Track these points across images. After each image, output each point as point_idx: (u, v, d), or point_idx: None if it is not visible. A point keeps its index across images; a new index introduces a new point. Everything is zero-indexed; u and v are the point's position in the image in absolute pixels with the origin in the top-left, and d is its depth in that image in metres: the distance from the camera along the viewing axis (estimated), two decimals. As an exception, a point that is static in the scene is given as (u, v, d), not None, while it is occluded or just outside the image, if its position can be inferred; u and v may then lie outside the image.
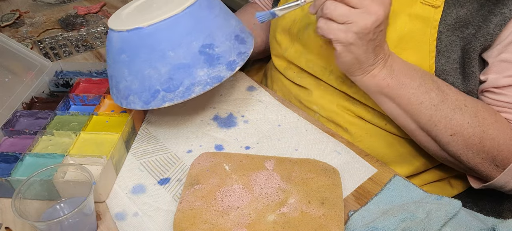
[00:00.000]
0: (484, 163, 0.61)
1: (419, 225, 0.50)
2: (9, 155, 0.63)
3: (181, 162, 0.65)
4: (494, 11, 0.58)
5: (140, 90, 0.61)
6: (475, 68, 0.62)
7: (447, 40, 0.62)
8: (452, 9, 0.61)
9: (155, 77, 0.59)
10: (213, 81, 0.60)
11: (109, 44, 0.64)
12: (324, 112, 0.74)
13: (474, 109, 0.60)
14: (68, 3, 1.22)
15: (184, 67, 0.59)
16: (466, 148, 0.60)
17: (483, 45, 0.60)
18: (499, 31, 0.58)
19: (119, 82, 0.63)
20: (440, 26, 0.61)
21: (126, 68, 0.61)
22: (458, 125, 0.59)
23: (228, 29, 0.63)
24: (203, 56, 0.60)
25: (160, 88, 0.60)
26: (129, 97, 0.62)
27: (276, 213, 0.51)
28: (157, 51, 0.59)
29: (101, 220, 0.57)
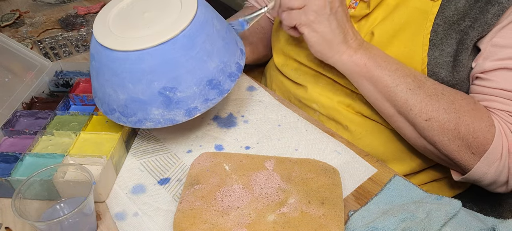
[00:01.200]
0: (460, 150, 0.61)
1: (419, 225, 0.50)
2: (9, 155, 0.63)
3: (181, 162, 0.65)
4: (491, 1, 0.59)
5: (102, 101, 0.63)
6: (465, 57, 0.62)
7: (443, 33, 0.62)
8: (451, 1, 0.61)
9: (113, 98, 0.60)
10: (166, 122, 0.59)
11: (92, 49, 0.62)
12: (324, 110, 0.74)
13: (451, 97, 0.61)
14: (68, 3, 1.22)
15: (140, 102, 0.58)
16: (441, 133, 0.61)
17: (480, 35, 0.61)
18: (496, 20, 0.59)
19: (103, 96, 0.63)
20: (437, 19, 0.62)
21: (94, 74, 0.62)
22: (433, 110, 0.60)
23: (202, 73, 0.58)
24: (161, 98, 0.58)
25: (116, 109, 0.61)
26: (96, 99, 0.65)
27: (276, 213, 0.51)
28: (119, 78, 0.58)
29: (101, 220, 0.57)
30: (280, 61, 0.80)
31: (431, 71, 0.64)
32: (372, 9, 0.67)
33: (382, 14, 0.66)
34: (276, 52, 0.82)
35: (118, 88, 0.58)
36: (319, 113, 0.75)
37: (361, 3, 0.69)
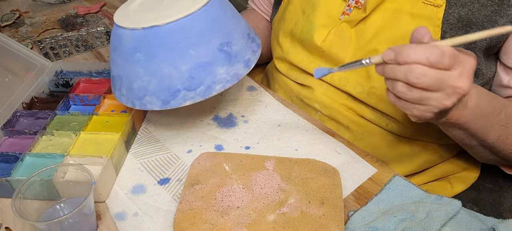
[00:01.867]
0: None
1: (419, 225, 0.50)
2: (9, 155, 0.63)
3: (181, 162, 0.65)
4: (500, 13, 0.58)
5: (158, 90, 0.59)
6: (482, 66, 0.62)
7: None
8: (454, 8, 0.61)
9: (175, 76, 0.58)
10: (232, 79, 0.60)
11: (117, 43, 0.61)
12: (325, 110, 0.74)
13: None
14: (68, 3, 1.22)
15: (204, 66, 0.59)
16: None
17: (488, 45, 0.60)
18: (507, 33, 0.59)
19: (132, 82, 0.60)
20: (443, 25, 0.62)
21: (142, 67, 0.59)
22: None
23: (241, 28, 0.64)
24: (223, 55, 0.60)
25: (181, 87, 0.59)
26: (145, 97, 0.60)
27: (276, 213, 0.51)
28: (177, 50, 0.58)
29: (101, 220, 0.57)
30: (283, 67, 0.80)
31: None
32: (369, 13, 0.66)
33: (380, 19, 0.66)
34: (278, 59, 0.82)
35: (179, 62, 0.58)
36: (321, 113, 0.75)
37: (355, 9, 0.69)
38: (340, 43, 0.69)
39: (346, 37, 0.68)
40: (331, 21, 0.70)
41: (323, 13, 0.71)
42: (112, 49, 0.63)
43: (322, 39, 0.70)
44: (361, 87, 0.68)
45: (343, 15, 0.69)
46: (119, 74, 0.62)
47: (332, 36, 0.69)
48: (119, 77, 0.63)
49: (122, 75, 0.62)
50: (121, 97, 0.64)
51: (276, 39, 0.81)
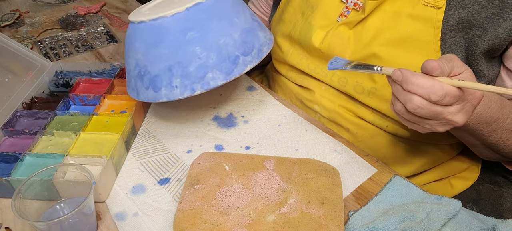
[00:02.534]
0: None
1: (419, 225, 0.50)
2: (9, 155, 0.63)
3: (181, 162, 0.65)
4: (502, 15, 0.58)
5: (219, 62, 0.60)
6: (483, 67, 0.62)
7: (451, 41, 0.62)
8: (454, 10, 0.61)
9: (231, 44, 0.61)
10: (269, 42, 0.67)
11: (157, 36, 0.61)
12: (325, 112, 0.74)
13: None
14: (68, 3, 1.22)
15: (249, 31, 0.64)
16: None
17: (490, 48, 0.60)
18: (508, 36, 0.58)
19: (188, 65, 0.60)
20: (443, 27, 0.61)
21: (198, 44, 0.60)
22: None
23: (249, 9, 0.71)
24: (255, 22, 0.66)
25: (239, 53, 0.61)
26: (207, 75, 0.60)
27: (276, 213, 0.51)
28: (225, 18, 0.61)
29: (101, 220, 0.57)
30: (282, 69, 0.80)
31: None
32: (368, 15, 0.66)
33: (379, 21, 0.66)
34: (277, 60, 0.82)
35: (230, 30, 0.62)
36: (320, 115, 0.75)
37: (353, 11, 0.68)
38: (338, 45, 0.69)
39: (344, 38, 0.68)
40: (329, 23, 0.70)
41: (321, 14, 0.71)
42: (149, 47, 0.61)
43: (320, 41, 0.70)
44: (361, 88, 0.68)
45: (341, 17, 0.69)
46: (167, 66, 0.61)
47: (330, 38, 0.69)
48: (168, 69, 0.61)
49: (172, 65, 0.60)
50: (173, 90, 0.61)
51: (274, 40, 0.81)
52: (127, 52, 0.66)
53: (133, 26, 0.63)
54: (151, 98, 0.63)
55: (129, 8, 1.20)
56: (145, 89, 0.63)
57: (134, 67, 0.64)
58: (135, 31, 0.63)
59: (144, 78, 0.62)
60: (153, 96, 0.62)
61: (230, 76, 0.61)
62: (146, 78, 0.62)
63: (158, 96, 0.62)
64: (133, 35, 0.63)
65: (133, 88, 0.66)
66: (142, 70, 0.62)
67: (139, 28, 0.62)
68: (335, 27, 0.69)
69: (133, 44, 0.63)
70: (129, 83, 0.67)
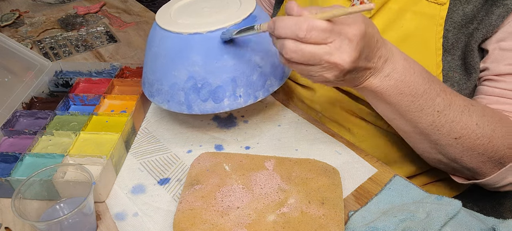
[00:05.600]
0: (488, 162, 0.59)
1: (419, 225, 0.50)
2: (9, 155, 0.63)
3: (181, 162, 0.65)
4: (496, 3, 0.58)
5: (273, 69, 0.64)
6: (477, 59, 0.61)
7: (454, 38, 0.61)
8: (459, 6, 0.60)
9: (276, 51, 0.63)
10: (288, 71, 0.69)
11: (221, 46, 0.60)
12: (326, 112, 0.74)
13: (480, 108, 0.57)
14: (68, 3, 1.22)
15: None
16: (471, 149, 0.58)
17: (485, 37, 0.60)
18: (501, 22, 0.58)
19: (250, 75, 0.62)
20: (446, 24, 0.61)
21: (257, 54, 0.62)
22: (465, 127, 0.56)
23: None
24: None
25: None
26: (266, 82, 0.63)
27: (276, 213, 0.51)
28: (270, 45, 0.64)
29: (101, 220, 0.57)
30: None
31: (446, 76, 0.62)
32: (373, 13, 0.66)
33: (384, 19, 0.65)
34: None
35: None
36: (322, 115, 0.75)
37: None
38: None
39: None
40: None
41: None
42: (209, 59, 0.60)
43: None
44: None
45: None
46: (230, 78, 0.61)
47: None
48: (231, 80, 0.61)
49: (236, 76, 0.61)
50: (237, 100, 0.62)
51: None
52: (171, 65, 0.62)
53: (181, 37, 0.61)
54: (209, 110, 0.62)
55: (129, 8, 1.20)
56: (202, 102, 0.62)
57: (187, 80, 0.61)
58: (187, 43, 0.61)
59: (201, 91, 0.61)
60: (213, 108, 0.62)
61: (282, 81, 0.65)
62: (205, 90, 0.61)
63: (219, 107, 0.62)
64: (184, 47, 0.61)
65: (181, 102, 0.63)
66: (200, 83, 0.61)
67: (194, 40, 0.60)
68: None
69: (186, 56, 0.61)
70: (173, 97, 0.63)
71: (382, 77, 0.52)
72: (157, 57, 0.64)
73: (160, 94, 0.64)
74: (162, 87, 0.64)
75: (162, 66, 0.63)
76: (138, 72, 0.80)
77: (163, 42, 0.63)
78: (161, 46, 0.63)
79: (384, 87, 0.53)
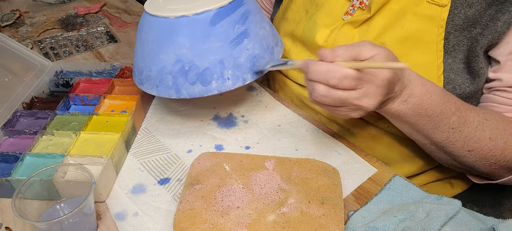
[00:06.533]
0: (501, 169, 0.61)
1: (419, 225, 0.50)
2: (9, 155, 0.63)
3: (181, 162, 0.65)
4: (502, 10, 0.58)
5: (262, 52, 0.65)
6: (483, 65, 0.62)
7: (455, 40, 0.61)
8: (460, 9, 0.60)
9: (266, 35, 0.66)
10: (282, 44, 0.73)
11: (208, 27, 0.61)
12: (326, 112, 0.74)
13: (494, 122, 0.59)
14: (68, 3, 1.23)
15: (271, 24, 0.72)
16: (484, 159, 0.60)
17: (490, 43, 0.60)
18: (507, 29, 0.58)
19: (238, 57, 0.62)
20: (448, 26, 0.61)
21: (245, 37, 0.63)
22: (478, 141, 0.58)
23: None
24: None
25: (272, 44, 0.67)
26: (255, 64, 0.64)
27: (276, 213, 0.51)
28: (258, 12, 0.67)
29: (101, 220, 0.57)
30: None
31: (448, 78, 0.62)
32: (373, 14, 0.66)
33: (384, 19, 0.65)
34: None
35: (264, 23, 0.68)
36: (321, 115, 0.75)
37: (359, 10, 0.68)
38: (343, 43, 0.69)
39: (349, 37, 0.68)
40: (334, 21, 0.70)
41: (326, 13, 0.71)
42: (196, 41, 0.61)
43: (324, 39, 0.70)
44: None
45: (346, 15, 0.69)
46: (217, 60, 0.61)
47: (335, 36, 0.69)
48: (219, 62, 0.61)
49: (224, 58, 0.61)
50: (225, 82, 0.62)
51: None
52: (158, 49, 0.63)
53: (168, 21, 0.61)
54: (197, 93, 0.62)
55: (129, 8, 1.20)
56: (190, 85, 0.62)
57: (174, 63, 0.61)
58: (174, 26, 0.61)
59: (189, 74, 0.61)
60: (201, 91, 0.62)
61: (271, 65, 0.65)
62: (193, 73, 0.61)
63: (207, 90, 0.62)
64: (171, 30, 0.61)
65: (169, 87, 0.63)
66: (187, 65, 0.61)
67: (180, 23, 0.61)
68: (340, 25, 0.69)
69: (174, 39, 0.61)
70: (162, 82, 0.63)
71: (400, 102, 0.55)
72: (145, 43, 0.64)
73: (149, 80, 0.65)
74: (151, 73, 0.64)
75: (150, 52, 0.64)
76: (138, 72, 0.81)
77: (150, 28, 0.63)
78: (149, 32, 0.64)
79: (402, 111, 0.56)
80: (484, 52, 0.62)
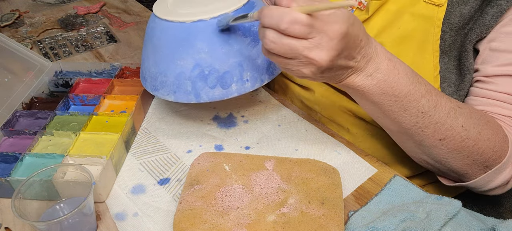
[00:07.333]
0: (473, 165, 0.58)
1: (419, 225, 0.50)
2: (9, 155, 0.63)
3: (181, 162, 0.65)
4: (490, 3, 0.58)
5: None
6: (471, 60, 0.61)
7: (451, 40, 0.61)
8: (456, 7, 0.60)
9: None
10: None
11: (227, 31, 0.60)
12: (325, 112, 0.74)
13: (467, 110, 0.57)
14: (68, 3, 1.22)
15: None
16: (455, 151, 0.57)
17: (479, 37, 0.60)
18: (495, 22, 0.58)
19: (256, 59, 0.62)
20: (443, 25, 0.61)
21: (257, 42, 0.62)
22: (450, 128, 0.55)
23: None
24: None
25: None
26: (270, 65, 0.64)
27: (276, 213, 0.51)
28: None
29: (101, 220, 0.57)
30: None
31: (444, 77, 0.62)
32: (371, 14, 0.66)
33: (382, 20, 0.65)
34: None
35: None
36: (321, 115, 0.75)
37: (357, 10, 0.68)
38: None
39: None
40: None
41: None
42: (215, 45, 0.60)
43: None
44: None
45: None
46: (237, 62, 0.61)
47: None
48: (238, 65, 0.61)
49: (242, 61, 0.61)
50: (245, 84, 0.62)
51: None
52: (174, 55, 0.62)
53: (184, 26, 0.60)
54: (218, 97, 0.62)
55: (129, 8, 1.20)
56: (210, 89, 0.61)
57: (193, 68, 0.61)
58: (191, 31, 0.60)
59: (209, 78, 0.61)
60: (221, 94, 0.62)
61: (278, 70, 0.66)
62: (213, 77, 0.61)
63: (227, 93, 0.62)
64: (188, 35, 0.60)
65: (188, 92, 0.62)
66: (207, 70, 0.61)
67: (198, 27, 0.60)
68: None
69: (191, 44, 0.60)
70: (179, 88, 0.62)
71: (365, 77, 0.52)
72: (159, 49, 0.63)
73: (165, 86, 0.63)
74: (167, 79, 0.63)
75: (166, 57, 0.62)
76: (138, 72, 0.80)
77: (165, 33, 0.62)
78: (163, 38, 0.62)
79: (367, 86, 0.52)
80: (473, 47, 0.62)
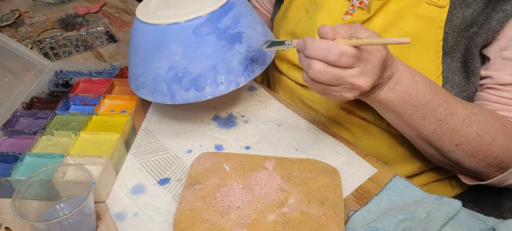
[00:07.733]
0: (489, 167, 0.61)
1: (419, 225, 0.50)
2: (9, 155, 0.63)
3: (181, 162, 0.65)
4: (496, 8, 0.58)
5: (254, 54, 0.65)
6: (478, 64, 0.62)
7: (453, 41, 0.62)
8: (458, 9, 0.60)
9: (257, 37, 0.66)
10: (272, 36, 0.72)
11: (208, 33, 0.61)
12: (326, 112, 0.74)
13: (482, 117, 0.59)
14: (68, 3, 1.22)
15: (263, 24, 0.70)
16: (471, 155, 0.60)
17: (485, 42, 0.60)
18: (501, 28, 0.58)
19: (230, 61, 0.62)
20: (446, 27, 0.61)
21: (237, 40, 0.63)
22: (465, 135, 0.58)
23: None
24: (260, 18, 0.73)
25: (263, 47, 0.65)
26: (248, 67, 0.64)
27: (276, 213, 0.51)
28: (249, 14, 0.66)
29: (101, 220, 0.57)
30: (283, 67, 0.80)
31: (446, 78, 0.63)
32: (373, 14, 0.66)
33: (383, 20, 0.65)
34: (278, 58, 0.81)
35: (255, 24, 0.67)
36: (321, 114, 0.75)
37: (359, 10, 0.68)
38: None
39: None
40: (334, 21, 0.70)
41: (326, 13, 0.71)
42: (189, 48, 0.61)
43: None
44: None
45: (346, 15, 0.69)
46: (210, 65, 0.62)
47: None
48: (212, 68, 0.62)
49: (217, 63, 0.62)
50: (219, 87, 0.62)
51: (277, 38, 0.81)
52: (151, 56, 0.62)
53: (160, 29, 0.61)
54: (192, 99, 0.62)
55: (129, 8, 1.20)
56: (185, 91, 0.62)
57: (168, 70, 0.62)
58: (166, 34, 0.61)
59: (183, 80, 0.62)
60: (195, 96, 0.62)
61: (265, 65, 0.66)
62: (187, 79, 0.62)
63: (201, 95, 0.62)
64: (163, 38, 0.61)
65: (164, 93, 0.63)
66: (181, 72, 0.61)
67: (172, 30, 0.61)
68: None
69: (166, 47, 0.61)
70: (156, 89, 0.63)
71: (387, 90, 0.55)
72: (138, 50, 0.64)
73: (144, 87, 0.65)
74: (146, 80, 0.64)
75: (144, 59, 0.64)
76: (138, 72, 0.80)
77: (142, 35, 0.64)
78: (141, 39, 0.64)
79: (390, 99, 0.56)
80: (479, 52, 0.62)
